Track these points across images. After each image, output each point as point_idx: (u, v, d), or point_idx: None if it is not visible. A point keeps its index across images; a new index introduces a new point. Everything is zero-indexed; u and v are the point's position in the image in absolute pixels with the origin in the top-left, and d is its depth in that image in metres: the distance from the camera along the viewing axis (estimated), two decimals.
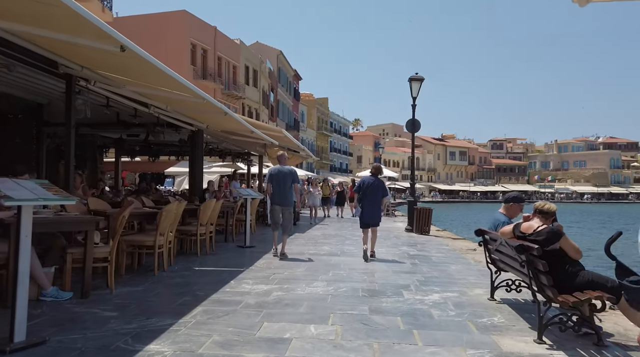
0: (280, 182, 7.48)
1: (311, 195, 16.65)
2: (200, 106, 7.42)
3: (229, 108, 9.56)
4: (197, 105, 7.36)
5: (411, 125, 13.01)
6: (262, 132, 11.35)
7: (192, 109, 7.93)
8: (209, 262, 6.84)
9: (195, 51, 30.57)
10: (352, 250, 8.74)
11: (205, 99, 6.32)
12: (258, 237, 10.61)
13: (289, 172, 7.54)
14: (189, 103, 7.19)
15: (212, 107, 6.92)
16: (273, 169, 7.78)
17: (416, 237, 11.54)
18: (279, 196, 7.52)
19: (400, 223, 16.70)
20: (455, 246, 9.96)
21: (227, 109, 7.43)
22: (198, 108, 7.68)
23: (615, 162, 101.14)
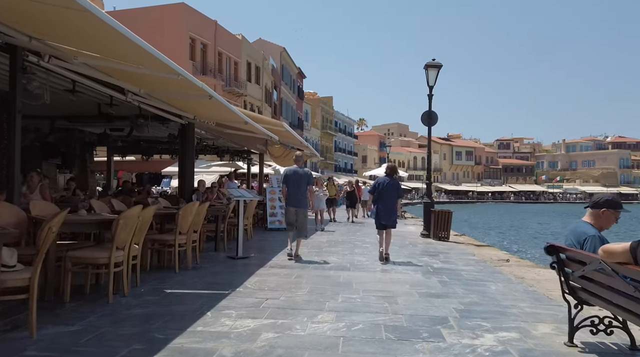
0: (296, 183, 7.34)
1: (316, 197, 15.32)
2: (178, 87, 6.06)
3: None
4: (175, 86, 6.01)
5: (427, 117, 11.60)
6: (261, 126, 9.99)
7: (170, 92, 6.58)
8: (188, 280, 5.47)
9: (194, 46, 29.30)
10: (364, 261, 7.35)
11: (181, 74, 4.97)
12: (255, 245, 9.24)
13: (304, 174, 7.43)
14: (163, 82, 5.84)
15: (190, 85, 5.56)
16: (289, 169, 7.63)
17: (435, 244, 10.13)
18: (293, 198, 7.39)
19: (413, 227, 15.28)
20: (483, 255, 8.55)
21: (212, 91, 6.07)
22: (177, 90, 6.32)
23: (624, 162, 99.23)
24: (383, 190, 7.53)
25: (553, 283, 5.92)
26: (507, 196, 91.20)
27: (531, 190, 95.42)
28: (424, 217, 11.58)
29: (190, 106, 8.10)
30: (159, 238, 6.09)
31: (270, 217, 12.59)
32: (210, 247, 8.21)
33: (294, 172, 7.43)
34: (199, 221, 6.55)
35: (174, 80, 5.54)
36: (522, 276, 6.41)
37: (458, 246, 9.93)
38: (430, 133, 11.62)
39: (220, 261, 7.07)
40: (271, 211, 12.63)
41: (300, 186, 7.32)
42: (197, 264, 6.53)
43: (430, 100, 11.62)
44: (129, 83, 6.30)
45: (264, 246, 9.16)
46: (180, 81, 5.43)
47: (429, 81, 11.55)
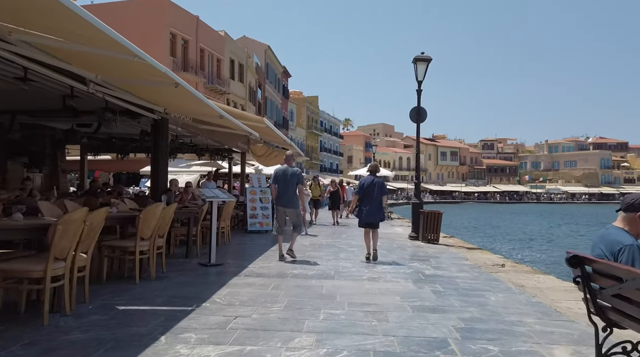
0: (285, 183, 7.27)
1: None
2: (138, 73, 5.35)
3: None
4: (135, 71, 5.30)
5: (416, 113, 11.04)
6: (240, 121, 9.30)
7: (131, 79, 5.85)
8: (148, 294, 4.77)
9: (175, 41, 28.38)
10: (349, 268, 6.72)
11: (137, 55, 4.27)
12: (232, 250, 8.54)
13: (293, 173, 7.35)
14: (120, 67, 5.13)
15: (152, 71, 4.85)
16: (278, 169, 7.56)
17: (424, 247, 9.56)
18: (283, 197, 7.32)
19: (400, 228, 14.73)
20: (476, 259, 8.00)
21: (178, 78, 5.37)
22: (139, 77, 5.61)
23: (605, 163, 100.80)
24: (367, 189, 7.53)
25: (557, 292, 5.38)
26: (492, 196, 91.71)
27: (515, 190, 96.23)
28: (413, 219, 11.02)
29: (160, 98, 7.37)
30: (118, 245, 5.37)
31: (250, 219, 11.89)
32: (182, 253, 7.50)
33: (284, 172, 7.36)
34: (165, 224, 5.84)
35: (132, 65, 4.84)
36: (522, 283, 5.85)
37: (449, 249, 9.38)
38: (419, 130, 11.06)
39: (190, 269, 6.37)
40: (251, 212, 11.93)
41: (290, 185, 7.27)
42: (162, 273, 5.83)
43: (419, 96, 11.06)
44: (83, 68, 5.56)
45: (241, 251, 8.48)
46: (139, 65, 4.72)
47: (417, 76, 11.00)
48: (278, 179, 7.34)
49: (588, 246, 12.73)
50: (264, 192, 12.24)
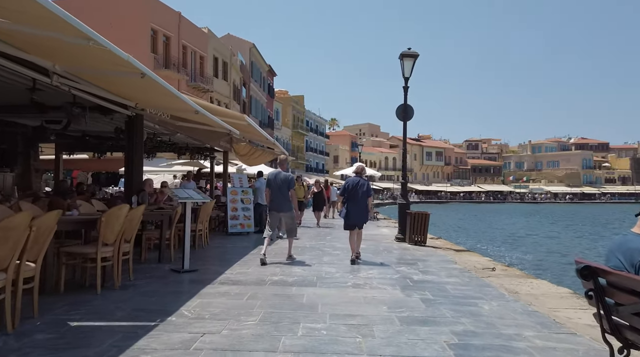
0: (278, 187, 7.31)
1: None
2: (99, 61, 4.87)
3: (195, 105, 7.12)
4: (95, 59, 4.82)
5: (402, 111, 10.69)
6: (219, 118, 8.85)
7: (93, 69, 5.36)
8: (108, 306, 4.29)
9: (156, 38, 27.65)
10: (333, 273, 6.32)
11: (93, 39, 3.80)
12: (210, 254, 8.07)
13: (285, 178, 7.39)
14: (79, 54, 4.64)
15: (113, 59, 4.37)
16: (271, 173, 7.66)
17: (411, 249, 9.21)
18: (276, 202, 7.36)
19: (386, 229, 14.40)
20: (465, 262, 7.67)
21: (144, 67, 4.89)
22: (101, 66, 5.12)
23: (587, 163, 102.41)
24: (353, 190, 7.50)
25: (553, 300, 5.05)
26: (477, 196, 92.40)
27: (499, 190, 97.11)
28: (399, 220, 10.67)
29: (130, 92, 6.87)
30: (78, 251, 4.88)
31: (231, 220, 11.42)
32: (155, 258, 7.01)
33: (276, 176, 7.42)
34: (132, 227, 5.36)
35: (90, 52, 4.36)
36: (515, 289, 5.52)
37: (436, 251, 9.05)
38: (406, 128, 10.73)
39: (160, 275, 5.89)
40: (232, 213, 11.46)
41: (282, 189, 7.30)
42: (129, 281, 5.35)
43: (405, 93, 10.73)
44: (40, 56, 5.05)
45: (219, 255, 8.01)
46: (97, 52, 4.25)
47: (404, 72, 10.66)
48: (270, 183, 7.38)
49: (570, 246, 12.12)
50: (246, 193, 11.78)
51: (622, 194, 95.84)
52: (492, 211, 54.28)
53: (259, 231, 12.18)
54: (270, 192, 7.37)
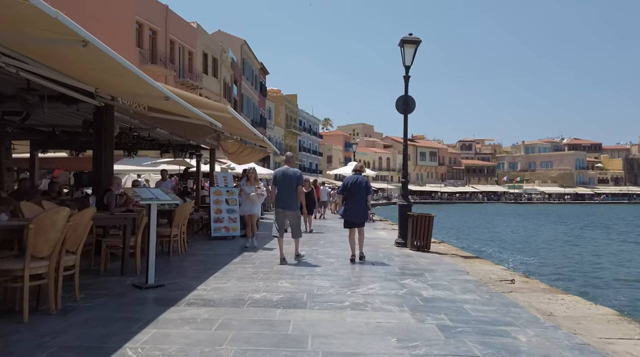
0: (285, 184, 7.15)
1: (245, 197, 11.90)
2: (31, 27, 3.81)
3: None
4: (24, 23, 3.76)
5: (403, 103, 9.70)
6: (201, 110, 7.83)
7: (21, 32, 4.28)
8: (30, 341, 3.24)
9: (142, 31, 26.48)
10: (327, 288, 5.30)
11: None
12: (184, 264, 7.01)
13: (293, 174, 7.23)
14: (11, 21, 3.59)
15: (42, 19, 3.32)
16: (278, 170, 7.39)
17: (415, 256, 8.21)
18: (283, 199, 7.17)
19: (384, 232, 13.41)
20: (478, 272, 6.69)
21: (87, 33, 3.85)
22: (32, 33, 4.05)
23: (580, 163, 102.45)
24: (352, 187, 7.40)
25: (600, 325, 4.07)
26: (474, 197, 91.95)
27: (493, 190, 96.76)
28: (400, 222, 9.68)
29: (85, 73, 5.82)
30: (1, 267, 3.82)
31: (214, 223, 10.35)
32: (117, 269, 5.95)
33: (284, 173, 7.20)
34: (78, 236, 4.31)
35: (12, 11, 3.32)
36: (549, 310, 4.54)
37: (443, 258, 8.06)
38: (407, 121, 9.73)
39: (117, 293, 4.84)
40: (216, 215, 10.40)
41: (290, 187, 7.13)
42: (74, 302, 4.30)
43: (406, 83, 9.73)
44: None
45: (196, 264, 6.96)
46: (21, 10, 3.21)
47: (405, 60, 9.68)
48: (278, 180, 7.17)
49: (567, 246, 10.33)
50: (231, 193, 10.72)
51: (614, 194, 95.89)
52: (488, 211, 53.48)
53: (246, 234, 11.15)
54: (277, 189, 7.16)
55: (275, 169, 14.02)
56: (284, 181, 7.13)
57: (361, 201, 7.42)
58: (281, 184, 7.13)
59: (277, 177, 7.23)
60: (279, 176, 7.21)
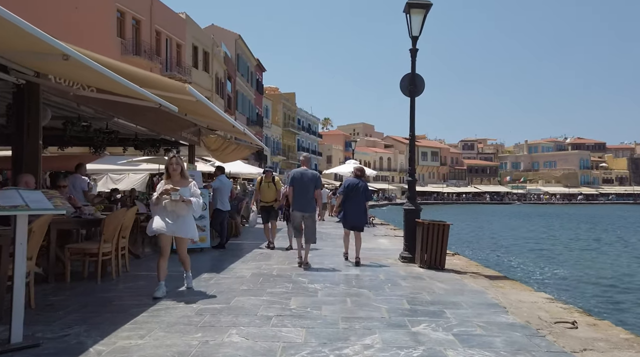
0: (303, 186, 6.98)
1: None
2: None
3: None
4: None
5: (409, 83, 7.76)
6: (151, 92, 5.92)
7: None
8: None
9: (123, 20, 24.56)
10: (299, 346, 3.38)
11: None
12: (112, 292, 5.05)
13: (312, 176, 7.09)
14: None
15: None
16: (296, 171, 7.22)
17: (427, 278, 6.27)
18: (300, 202, 6.98)
19: (385, 240, 11.48)
20: (518, 307, 4.76)
21: None
22: None
23: (584, 163, 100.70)
24: (352, 191, 7.36)
25: None
26: (478, 197, 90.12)
27: (496, 191, 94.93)
28: (406, 232, 7.74)
29: None
30: None
31: None
32: None
33: (302, 174, 7.08)
34: None
35: None
36: None
37: (464, 281, 6.13)
38: (414, 105, 7.79)
39: None
40: None
41: (308, 189, 7.01)
42: None
43: (413, 57, 7.80)
44: None
45: (121, 297, 4.96)
46: None
47: (412, 30, 7.76)
48: (296, 182, 7.01)
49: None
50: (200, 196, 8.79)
51: (619, 194, 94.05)
52: (494, 212, 51.16)
53: (220, 245, 9.21)
54: (294, 191, 7.00)
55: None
56: (303, 182, 6.96)
57: (360, 205, 7.37)
58: (299, 186, 6.96)
59: (296, 178, 7.02)
60: (297, 178, 7.02)
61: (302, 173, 7.10)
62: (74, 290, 5.10)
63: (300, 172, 7.14)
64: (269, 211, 9.20)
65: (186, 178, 5.19)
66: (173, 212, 4.92)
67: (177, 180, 5.08)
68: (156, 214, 4.98)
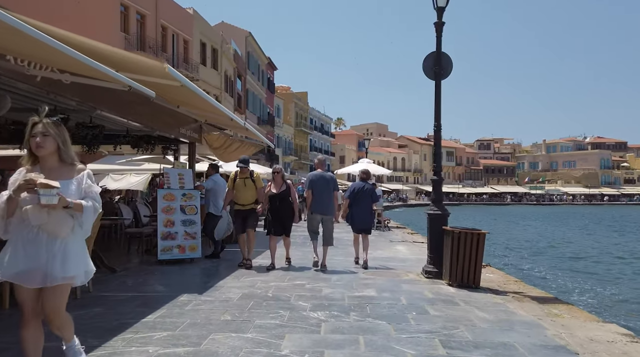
0: (322, 188, 6.97)
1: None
2: None
3: None
4: None
5: (434, 62, 6.48)
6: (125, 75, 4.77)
7: None
8: None
9: (128, 15, 23.68)
10: None
11: None
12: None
13: (330, 179, 7.13)
14: None
15: None
16: (314, 174, 7.15)
17: (461, 302, 4.97)
18: (320, 204, 6.98)
19: (403, 247, 10.18)
20: (585, 343, 3.48)
21: None
22: None
23: (605, 163, 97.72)
24: (358, 195, 7.38)
25: None
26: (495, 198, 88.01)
27: (513, 191, 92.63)
28: (430, 241, 6.45)
29: None
30: None
31: (163, 241, 7.25)
32: None
33: (321, 177, 7.04)
34: None
35: None
36: None
37: (508, 306, 4.83)
38: (440, 88, 6.49)
39: None
40: (166, 229, 7.31)
41: (327, 191, 6.99)
42: None
43: (439, 32, 6.52)
44: None
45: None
46: None
47: (436, 0, 6.49)
48: (315, 185, 7.00)
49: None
50: (189, 197, 7.64)
51: None
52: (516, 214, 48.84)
53: (213, 255, 8.02)
54: (313, 194, 6.99)
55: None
56: (321, 185, 6.96)
57: (368, 207, 7.50)
58: (318, 189, 6.95)
59: (314, 181, 7.01)
60: (316, 181, 7.00)
61: (320, 176, 7.08)
62: (6, 321, 3.95)
63: (318, 175, 7.10)
64: (246, 216, 7.07)
65: (70, 163, 2.63)
66: (40, 231, 2.47)
67: (52, 166, 2.58)
68: (6, 236, 2.51)
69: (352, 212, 7.44)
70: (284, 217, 6.99)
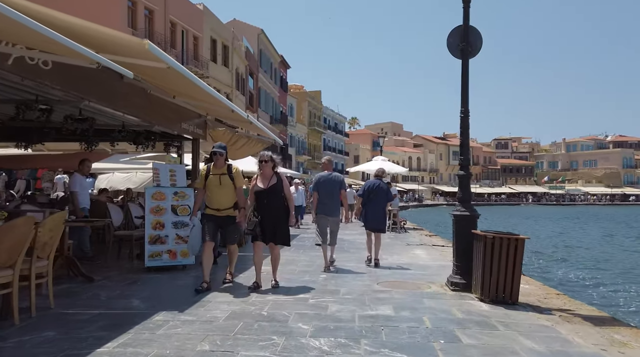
0: (329, 190, 6.91)
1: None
2: None
3: None
4: None
5: (461, 38, 5.53)
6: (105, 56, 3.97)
7: None
8: None
9: (135, 10, 23.13)
10: None
11: None
12: None
13: (337, 179, 7.01)
14: None
15: None
16: (321, 175, 7.09)
17: (498, 325, 4.03)
18: (327, 206, 6.89)
19: (422, 252, 9.20)
20: None
21: None
22: None
23: (628, 162, 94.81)
24: (372, 193, 7.32)
25: None
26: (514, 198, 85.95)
27: (532, 191, 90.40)
28: (457, 247, 5.50)
29: None
30: None
31: (150, 246, 6.44)
32: None
33: (327, 178, 6.97)
34: None
35: None
36: None
37: (558, 330, 3.87)
38: (467, 70, 5.54)
39: None
40: (154, 232, 6.49)
41: (334, 192, 6.90)
42: None
43: (467, 4, 5.58)
44: None
45: None
46: None
47: None
48: (321, 186, 6.93)
49: None
50: (181, 196, 6.81)
51: None
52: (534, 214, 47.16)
53: None
54: (319, 195, 6.89)
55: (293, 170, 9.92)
56: (327, 186, 6.92)
57: (380, 207, 7.37)
58: (324, 190, 6.90)
59: (320, 182, 6.99)
60: (322, 182, 6.98)
61: (326, 177, 7.02)
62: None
63: (325, 176, 7.04)
64: (222, 224, 5.40)
65: None
66: None
67: None
68: None
69: (365, 210, 7.37)
70: (274, 218, 5.25)
